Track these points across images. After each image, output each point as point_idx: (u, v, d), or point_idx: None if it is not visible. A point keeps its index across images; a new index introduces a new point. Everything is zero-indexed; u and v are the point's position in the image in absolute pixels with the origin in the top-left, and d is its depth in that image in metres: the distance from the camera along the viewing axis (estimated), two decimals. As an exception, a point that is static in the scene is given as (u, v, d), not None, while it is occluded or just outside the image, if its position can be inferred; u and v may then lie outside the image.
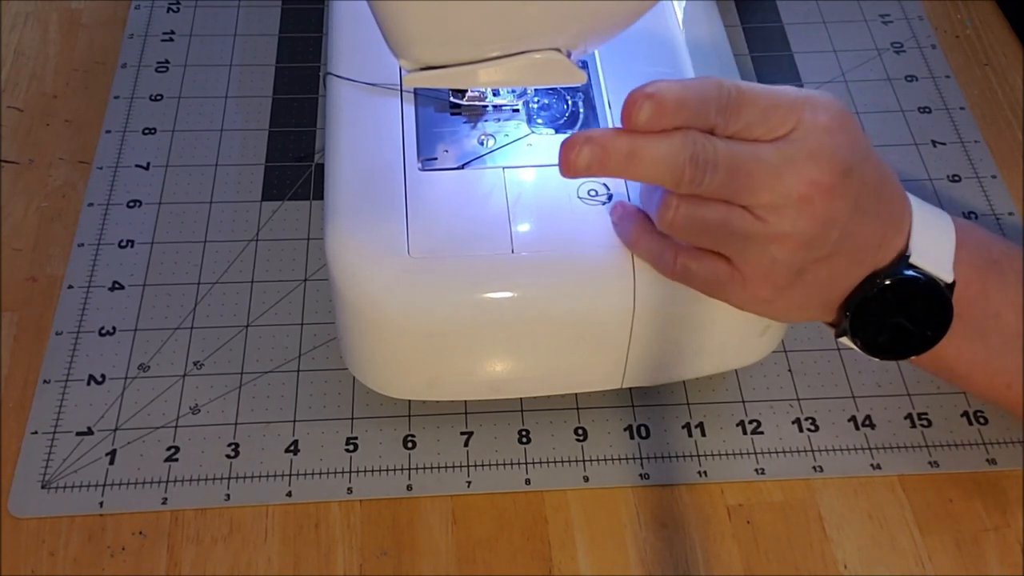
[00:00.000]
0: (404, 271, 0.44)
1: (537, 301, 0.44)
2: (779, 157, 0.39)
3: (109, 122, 0.63)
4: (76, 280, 0.56)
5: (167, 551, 0.47)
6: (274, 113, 0.64)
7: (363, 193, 0.46)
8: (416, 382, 0.48)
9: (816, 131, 0.40)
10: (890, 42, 0.70)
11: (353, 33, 0.52)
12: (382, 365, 0.47)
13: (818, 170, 0.39)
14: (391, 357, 0.47)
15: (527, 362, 0.47)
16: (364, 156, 0.47)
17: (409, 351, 0.46)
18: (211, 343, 0.54)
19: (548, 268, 0.44)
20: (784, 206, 0.39)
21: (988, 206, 0.61)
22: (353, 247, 0.44)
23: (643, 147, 0.39)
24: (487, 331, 0.45)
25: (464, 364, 0.47)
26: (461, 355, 0.46)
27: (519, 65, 0.44)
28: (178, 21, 0.68)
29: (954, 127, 0.65)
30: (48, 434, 0.50)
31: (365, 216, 0.45)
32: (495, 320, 0.44)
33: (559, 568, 0.47)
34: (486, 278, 0.44)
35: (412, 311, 0.44)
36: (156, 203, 0.59)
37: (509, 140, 0.49)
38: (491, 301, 0.44)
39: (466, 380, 0.48)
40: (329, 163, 0.48)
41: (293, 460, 0.50)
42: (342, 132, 0.48)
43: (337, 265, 0.44)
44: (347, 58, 0.51)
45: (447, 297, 0.44)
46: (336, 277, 0.45)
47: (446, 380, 0.47)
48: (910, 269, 0.42)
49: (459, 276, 0.44)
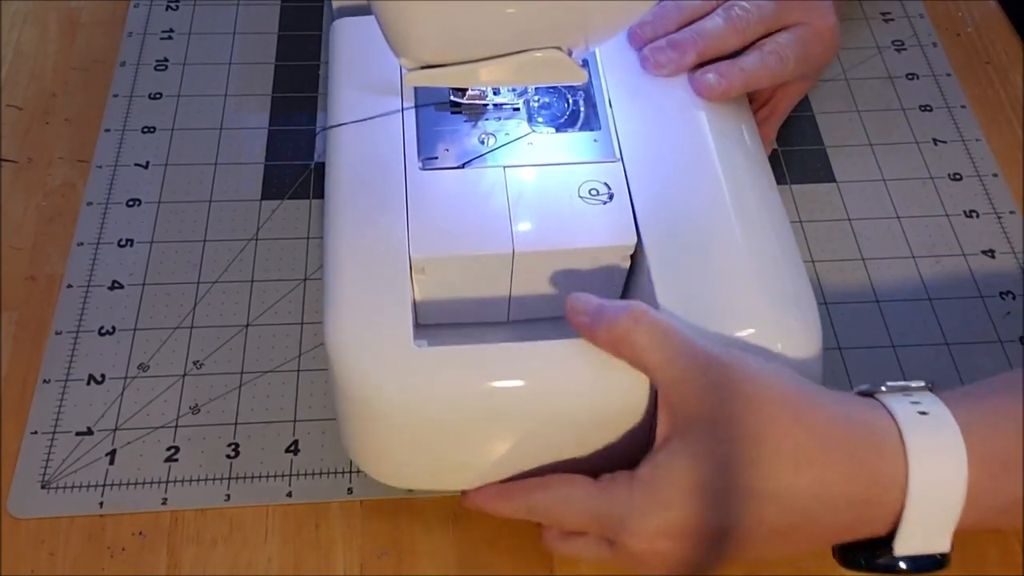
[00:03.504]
0: (408, 361, 0.42)
1: (548, 390, 0.42)
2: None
3: (108, 121, 0.63)
4: (75, 279, 0.55)
5: (167, 551, 0.47)
6: (274, 111, 0.63)
7: (365, 280, 0.44)
8: (420, 473, 0.46)
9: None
10: (891, 40, 0.70)
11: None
12: (383, 456, 0.45)
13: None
14: (393, 448, 0.45)
15: (540, 452, 0.45)
16: (365, 246, 0.45)
17: (413, 443, 0.44)
18: (211, 343, 0.53)
19: (558, 354, 0.42)
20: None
21: (989, 204, 0.61)
22: (354, 335, 0.42)
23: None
24: (495, 422, 0.43)
25: (471, 457, 0.45)
26: (467, 448, 0.44)
27: (520, 64, 0.44)
28: (177, 19, 0.68)
29: (955, 125, 0.65)
30: (48, 434, 0.50)
31: (367, 301, 0.43)
32: (504, 411, 0.42)
33: (560, 568, 0.47)
34: (494, 366, 0.42)
35: (416, 403, 0.42)
36: (155, 202, 0.59)
37: (510, 139, 0.49)
38: (499, 391, 0.42)
39: (473, 471, 0.45)
40: (328, 244, 0.45)
41: (293, 460, 0.50)
42: (342, 212, 0.46)
43: (337, 355, 0.42)
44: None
45: (453, 388, 0.42)
46: (336, 367, 0.42)
47: (452, 471, 0.45)
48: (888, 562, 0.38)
49: (465, 365, 0.42)
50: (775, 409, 0.38)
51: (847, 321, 0.55)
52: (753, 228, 0.46)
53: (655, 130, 0.50)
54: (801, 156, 0.63)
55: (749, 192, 0.48)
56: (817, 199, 0.60)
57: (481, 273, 0.46)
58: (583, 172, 0.48)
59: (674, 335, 0.40)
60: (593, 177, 0.47)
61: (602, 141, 0.49)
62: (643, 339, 0.40)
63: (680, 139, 0.49)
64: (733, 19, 0.52)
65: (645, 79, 0.52)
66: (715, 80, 0.50)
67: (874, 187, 0.61)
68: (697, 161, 0.48)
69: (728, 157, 0.49)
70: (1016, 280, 0.57)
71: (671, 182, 0.48)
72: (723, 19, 0.52)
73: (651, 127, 0.50)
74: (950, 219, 0.60)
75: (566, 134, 0.49)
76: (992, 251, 0.58)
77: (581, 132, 0.50)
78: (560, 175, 0.48)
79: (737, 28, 0.52)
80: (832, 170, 0.62)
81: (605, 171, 0.48)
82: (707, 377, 0.39)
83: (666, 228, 0.46)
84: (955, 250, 0.58)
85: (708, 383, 0.38)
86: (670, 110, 0.51)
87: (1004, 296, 0.57)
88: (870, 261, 0.58)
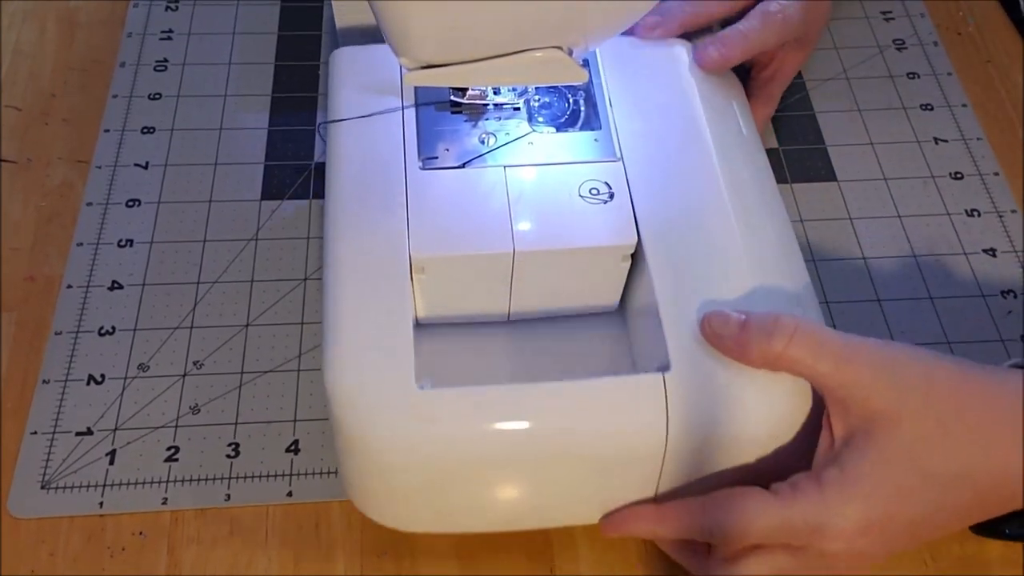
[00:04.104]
0: (411, 405, 0.40)
1: (555, 431, 0.41)
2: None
3: (108, 121, 0.62)
4: (75, 280, 0.55)
5: (167, 551, 0.47)
6: (273, 111, 0.63)
7: (367, 318, 0.42)
8: (425, 516, 0.45)
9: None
10: (892, 39, 0.69)
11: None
12: (386, 500, 0.44)
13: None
14: (396, 493, 0.43)
15: (547, 495, 0.44)
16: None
17: (417, 487, 0.43)
18: (211, 343, 0.53)
19: (564, 395, 0.41)
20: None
21: (990, 203, 0.60)
22: (355, 377, 0.41)
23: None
24: (502, 466, 0.42)
25: (477, 500, 0.44)
26: (473, 491, 0.43)
27: (520, 63, 0.44)
28: (177, 20, 0.68)
29: (956, 124, 0.64)
30: (48, 434, 0.50)
31: (368, 341, 0.42)
32: (510, 454, 0.41)
33: (560, 568, 0.47)
34: (500, 408, 0.41)
35: (419, 448, 0.41)
36: (155, 202, 0.59)
37: (510, 139, 0.49)
38: (505, 433, 0.41)
39: (480, 514, 0.45)
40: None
41: (293, 460, 0.50)
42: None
43: (337, 397, 0.41)
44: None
45: (457, 432, 0.41)
46: (336, 410, 0.41)
47: (459, 514, 0.45)
48: None
49: (469, 408, 0.41)
50: (952, 393, 0.39)
51: (848, 320, 0.55)
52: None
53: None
54: (802, 155, 0.62)
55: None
56: (818, 198, 0.60)
57: (481, 272, 0.46)
58: (583, 172, 0.48)
59: (829, 342, 0.40)
60: (593, 177, 0.47)
61: (602, 141, 0.49)
62: (800, 353, 0.40)
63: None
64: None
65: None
66: (716, 53, 0.52)
67: (875, 186, 0.61)
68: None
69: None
70: (1017, 279, 0.57)
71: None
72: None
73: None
74: (951, 218, 0.60)
75: (566, 134, 0.49)
76: (993, 250, 0.58)
77: (581, 132, 0.50)
78: (560, 175, 0.48)
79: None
80: (833, 169, 0.62)
81: (605, 171, 0.48)
82: (879, 373, 0.39)
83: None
84: (956, 249, 0.58)
85: (882, 379, 0.39)
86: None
87: (1005, 295, 0.56)
88: (871, 260, 0.58)
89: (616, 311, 0.50)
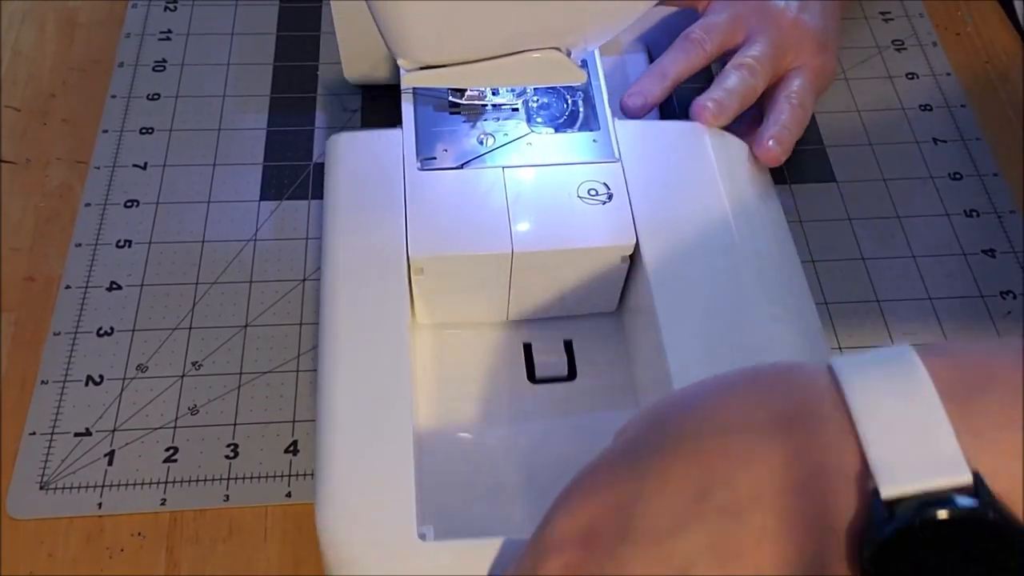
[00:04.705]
0: (412, 563, 0.38)
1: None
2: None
3: (106, 121, 0.62)
4: (74, 280, 0.55)
5: (166, 552, 0.47)
6: (272, 112, 0.63)
7: (364, 451, 0.40)
8: None
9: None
10: (891, 39, 0.69)
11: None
12: None
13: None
14: None
15: None
16: (365, 417, 0.41)
17: None
18: (210, 343, 0.53)
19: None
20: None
21: (989, 204, 0.60)
22: (350, 520, 0.38)
23: None
24: None
25: None
26: None
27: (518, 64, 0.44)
28: (175, 20, 0.68)
29: (955, 125, 0.64)
30: (46, 435, 0.50)
31: (366, 478, 0.39)
32: None
33: (559, 569, 0.47)
34: (507, 566, 0.37)
35: None
36: (154, 203, 0.59)
37: (508, 139, 0.49)
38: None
39: None
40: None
41: (293, 460, 0.50)
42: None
43: (330, 540, 0.38)
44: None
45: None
46: (328, 553, 0.39)
47: None
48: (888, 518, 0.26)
49: (475, 565, 0.38)
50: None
51: (847, 321, 0.55)
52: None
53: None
54: (801, 156, 0.62)
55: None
56: (817, 199, 0.60)
57: (480, 273, 0.46)
58: (582, 172, 0.48)
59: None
60: (592, 177, 0.47)
61: (601, 141, 0.49)
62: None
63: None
64: (752, 71, 0.55)
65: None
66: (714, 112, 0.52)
67: (874, 186, 0.61)
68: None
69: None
70: (1016, 279, 0.57)
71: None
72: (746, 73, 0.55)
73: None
74: (950, 218, 0.60)
75: (565, 134, 0.49)
76: (992, 250, 0.58)
77: (580, 132, 0.50)
78: (559, 175, 0.48)
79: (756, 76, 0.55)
80: (832, 170, 0.62)
81: (604, 171, 0.48)
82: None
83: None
84: (955, 249, 0.58)
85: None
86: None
87: (1004, 296, 0.56)
88: (870, 261, 0.58)
89: (615, 311, 0.50)
